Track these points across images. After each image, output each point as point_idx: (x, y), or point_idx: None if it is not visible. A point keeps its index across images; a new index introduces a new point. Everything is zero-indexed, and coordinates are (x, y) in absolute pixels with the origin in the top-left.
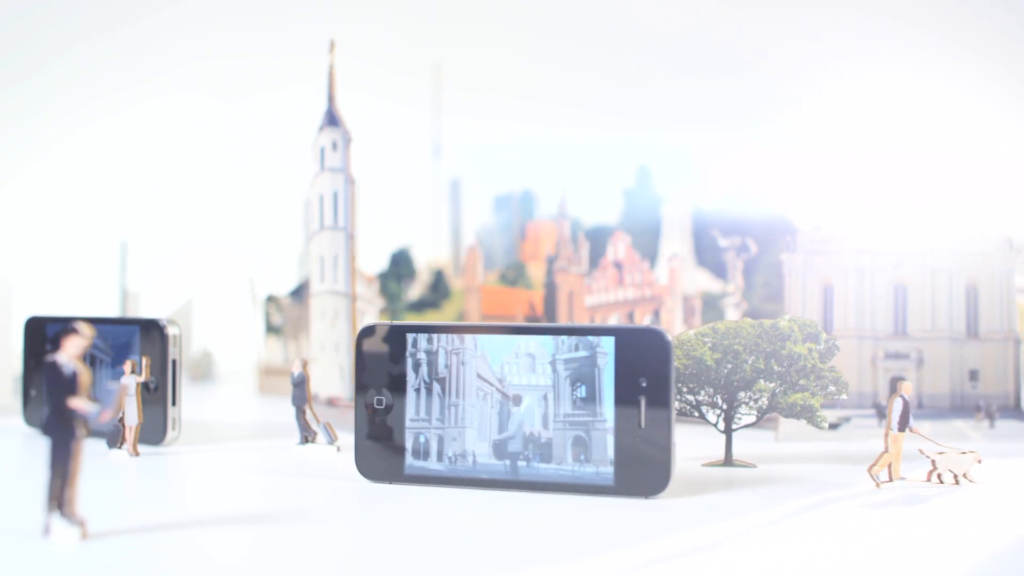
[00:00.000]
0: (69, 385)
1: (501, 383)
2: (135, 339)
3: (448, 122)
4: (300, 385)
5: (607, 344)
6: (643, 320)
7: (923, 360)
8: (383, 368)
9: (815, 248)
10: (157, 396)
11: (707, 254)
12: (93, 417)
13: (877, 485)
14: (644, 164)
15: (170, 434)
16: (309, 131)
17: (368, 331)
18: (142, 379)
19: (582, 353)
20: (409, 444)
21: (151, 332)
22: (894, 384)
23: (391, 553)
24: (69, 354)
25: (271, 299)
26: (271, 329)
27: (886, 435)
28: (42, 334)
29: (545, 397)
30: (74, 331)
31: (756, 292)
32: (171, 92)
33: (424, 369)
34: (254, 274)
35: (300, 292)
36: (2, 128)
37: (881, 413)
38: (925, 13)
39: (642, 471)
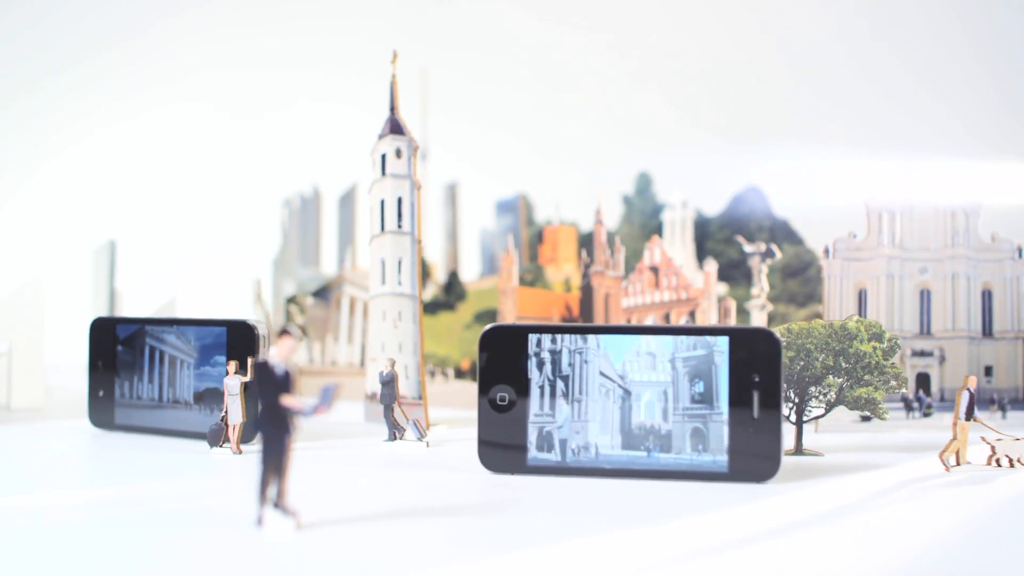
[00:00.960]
0: (282, 384)
1: (623, 380)
2: (222, 340)
3: (437, 126)
4: (389, 384)
5: (722, 343)
6: (679, 320)
7: (945, 357)
8: (506, 367)
9: (850, 255)
10: (248, 395)
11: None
12: (308, 413)
13: (947, 469)
14: (644, 171)
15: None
16: (295, 138)
17: (491, 332)
18: (247, 379)
19: (700, 352)
20: (533, 438)
21: (242, 333)
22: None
23: (535, 536)
24: (280, 355)
25: (292, 300)
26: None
27: (954, 424)
28: (112, 335)
29: (665, 392)
30: (287, 333)
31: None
32: (166, 102)
33: (548, 367)
34: (260, 276)
35: (324, 293)
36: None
37: (908, 406)
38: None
39: (755, 458)
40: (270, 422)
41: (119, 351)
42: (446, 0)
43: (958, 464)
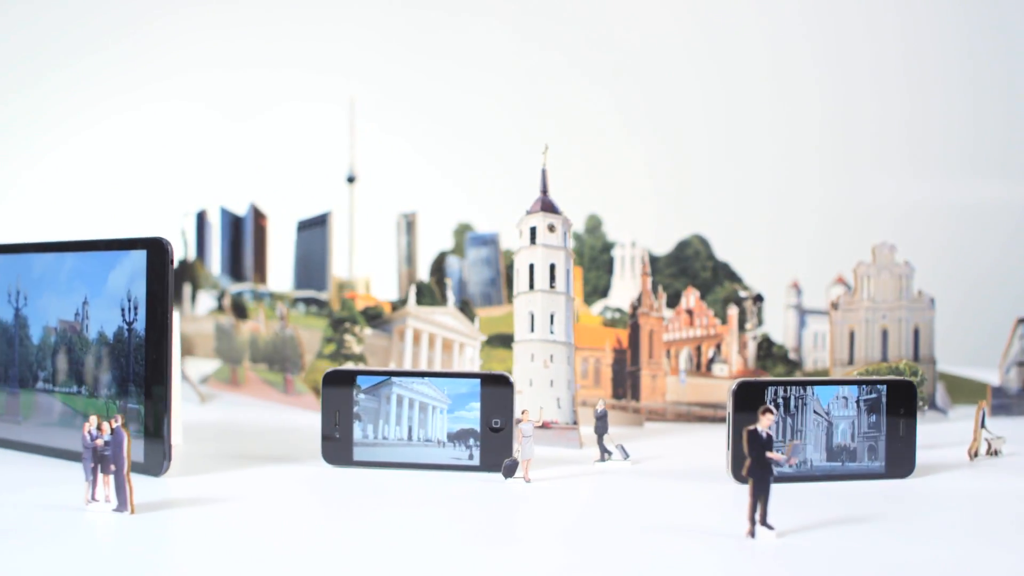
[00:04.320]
0: (766, 444)
1: (828, 415)
2: (476, 389)
3: (365, 153)
4: (603, 418)
5: (884, 389)
6: (708, 351)
7: None
8: (751, 417)
9: (845, 307)
10: (504, 435)
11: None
12: (783, 464)
13: (971, 459)
14: (593, 213)
15: None
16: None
17: (742, 385)
18: (539, 423)
19: (873, 395)
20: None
21: (496, 383)
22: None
23: (792, 511)
24: (763, 425)
25: (346, 330)
26: (348, 357)
27: (975, 430)
28: (351, 384)
29: (853, 423)
30: (770, 412)
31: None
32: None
33: (780, 410)
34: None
35: (383, 325)
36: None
37: None
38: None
39: (901, 462)
40: (759, 468)
41: (361, 399)
42: (405, 41)
43: (976, 455)
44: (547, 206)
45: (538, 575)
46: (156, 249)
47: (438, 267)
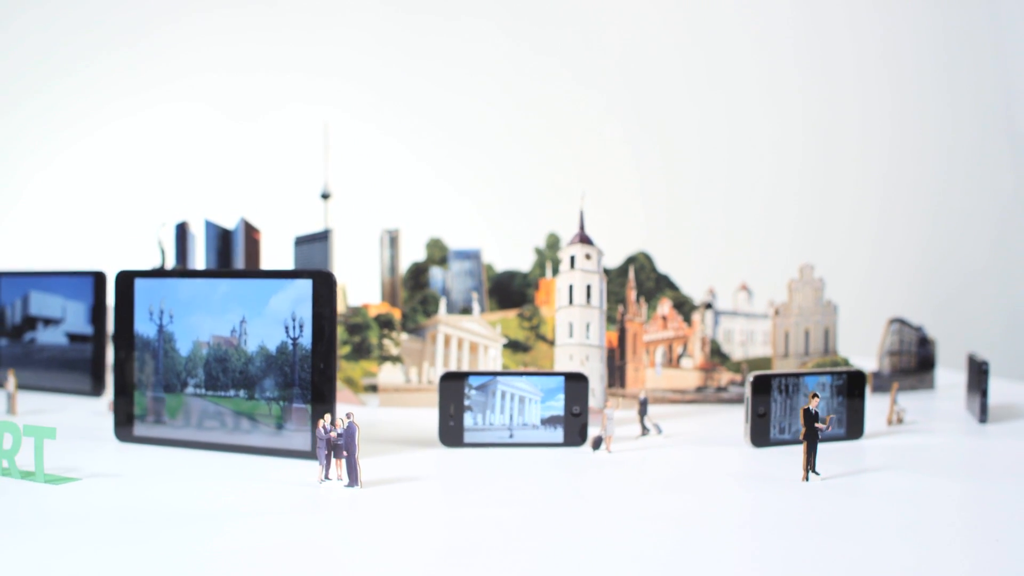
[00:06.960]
0: (815, 418)
1: (814, 398)
2: (561, 384)
3: (339, 169)
4: (644, 403)
5: (846, 377)
6: (677, 348)
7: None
8: (765, 396)
9: (784, 314)
10: (581, 419)
11: (610, 297)
12: (824, 431)
13: (888, 425)
14: (553, 231)
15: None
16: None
17: (759, 377)
18: (618, 408)
19: (840, 382)
20: (776, 430)
21: (576, 380)
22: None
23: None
24: (813, 405)
25: (385, 335)
26: (387, 358)
27: (891, 404)
28: (463, 382)
29: (827, 401)
30: (816, 396)
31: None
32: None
33: (785, 393)
34: None
35: (417, 331)
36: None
37: None
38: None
39: (855, 428)
40: (811, 433)
41: (473, 394)
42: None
43: (891, 423)
44: (584, 239)
45: (636, 515)
46: (323, 279)
47: (412, 276)
